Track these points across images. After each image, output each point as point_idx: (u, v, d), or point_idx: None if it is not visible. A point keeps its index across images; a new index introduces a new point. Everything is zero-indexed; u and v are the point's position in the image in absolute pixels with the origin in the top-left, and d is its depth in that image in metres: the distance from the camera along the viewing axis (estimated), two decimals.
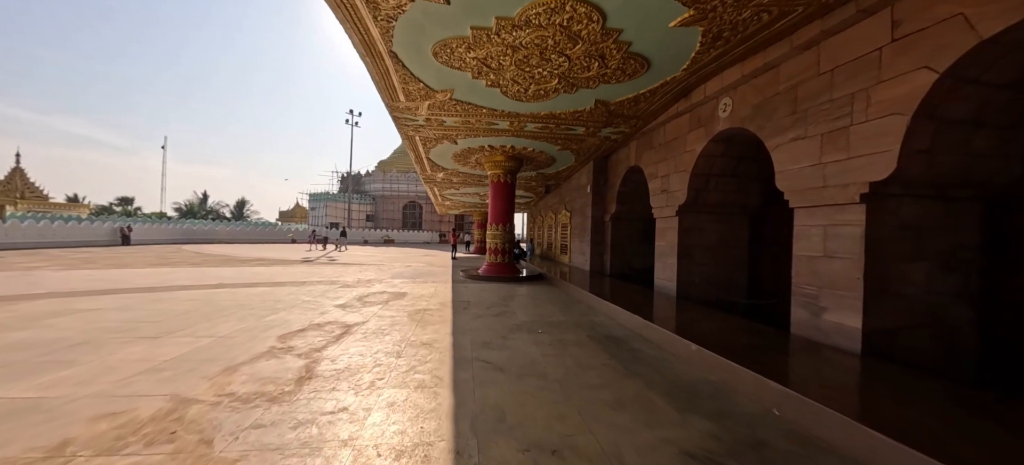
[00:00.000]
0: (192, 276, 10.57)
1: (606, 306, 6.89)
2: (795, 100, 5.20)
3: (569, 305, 7.62)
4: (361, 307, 6.89)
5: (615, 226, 11.77)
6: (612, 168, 11.75)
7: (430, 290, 9.08)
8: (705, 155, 7.33)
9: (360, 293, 8.41)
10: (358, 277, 11.21)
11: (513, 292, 9.14)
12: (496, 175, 11.89)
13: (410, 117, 8.65)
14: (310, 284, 9.61)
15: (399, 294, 8.41)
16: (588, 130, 9.20)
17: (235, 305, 6.76)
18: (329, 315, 6.17)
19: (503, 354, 4.35)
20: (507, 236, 12.03)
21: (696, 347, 4.19)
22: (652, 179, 9.11)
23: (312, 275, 11.53)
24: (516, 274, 11.72)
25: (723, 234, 8.16)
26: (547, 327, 5.72)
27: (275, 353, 4.19)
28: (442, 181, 16.53)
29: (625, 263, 11.73)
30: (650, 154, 9.22)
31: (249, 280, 10.03)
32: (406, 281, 10.64)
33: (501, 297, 8.36)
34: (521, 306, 7.39)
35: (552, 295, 8.84)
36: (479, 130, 9.42)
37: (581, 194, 13.27)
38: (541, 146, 10.57)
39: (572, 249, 14.37)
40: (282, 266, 14.08)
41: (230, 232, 33.92)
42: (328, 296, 7.94)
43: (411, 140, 10.44)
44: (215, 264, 14.24)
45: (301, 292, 8.35)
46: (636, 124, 8.77)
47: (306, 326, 5.41)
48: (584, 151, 10.99)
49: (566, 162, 12.37)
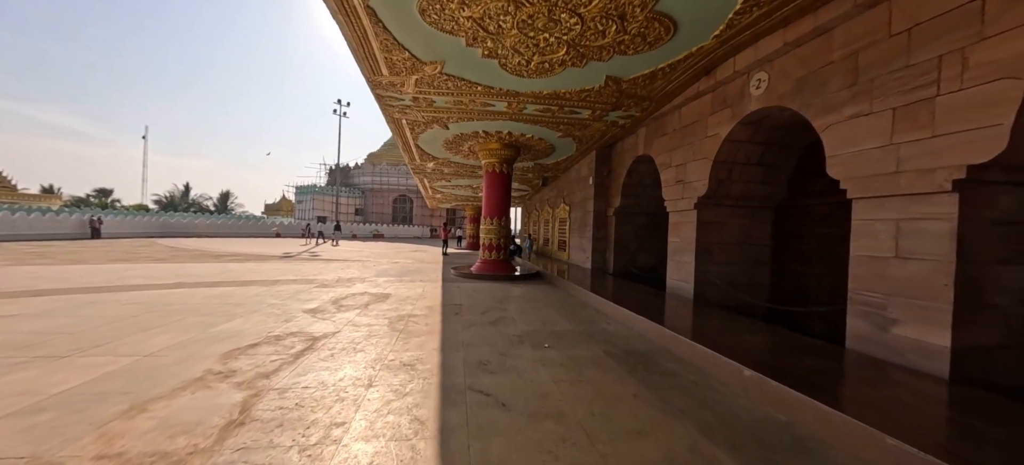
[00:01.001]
0: (150, 273, 9.46)
1: (618, 311, 6.00)
2: (855, 69, 4.33)
3: (574, 309, 6.73)
4: (335, 312, 5.91)
5: (619, 221, 10.90)
6: (617, 158, 10.86)
7: (417, 291, 8.12)
8: (730, 140, 6.47)
9: (337, 295, 7.41)
10: (339, 275, 10.19)
11: (510, 293, 8.22)
12: (491, 164, 10.93)
13: (395, 96, 7.64)
14: (283, 283, 8.58)
15: (382, 295, 7.43)
16: (594, 114, 8.28)
17: (185, 310, 5.73)
18: (294, 323, 5.19)
19: (504, 381, 3.44)
20: (502, 231, 11.10)
21: (750, 372, 3.31)
22: (665, 169, 8.23)
23: (288, 272, 10.48)
24: (511, 272, 10.80)
25: (745, 230, 7.32)
26: (554, 339, 4.81)
27: (208, 381, 3.22)
28: (432, 172, 15.50)
29: (629, 260, 10.89)
30: (662, 141, 8.33)
31: (214, 278, 8.96)
32: (391, 280, 9.66)
33: (497, 299, 7.44)
34: (520, 310, 6.48)
35: (553, 296, 7.94)
36: (473, 113, 8.44)
37: (582, 186, 12.38)
38: (541, 132, 9.63)
39: (571, 245, 13.50)
40: (257, 262, 12.97)
41: (210, 225, 32.43)
42: (300, 298, 6.94)
43: (397, 124, 9.43)
44: (184, 259, 13.08)
45: (269, 293, 7.34)
46: (648, 107, 7.88)
47: (261, 339, 4.42)
48: (587, 139, 10.07)
49: (567, 151, 11.44)
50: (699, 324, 5.11)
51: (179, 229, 30.33)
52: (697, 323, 5.19)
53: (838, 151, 4.50)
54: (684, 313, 5.96)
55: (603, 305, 6.62)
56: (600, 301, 6.80)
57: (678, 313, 5.94)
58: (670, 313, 5.91)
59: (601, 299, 6.80)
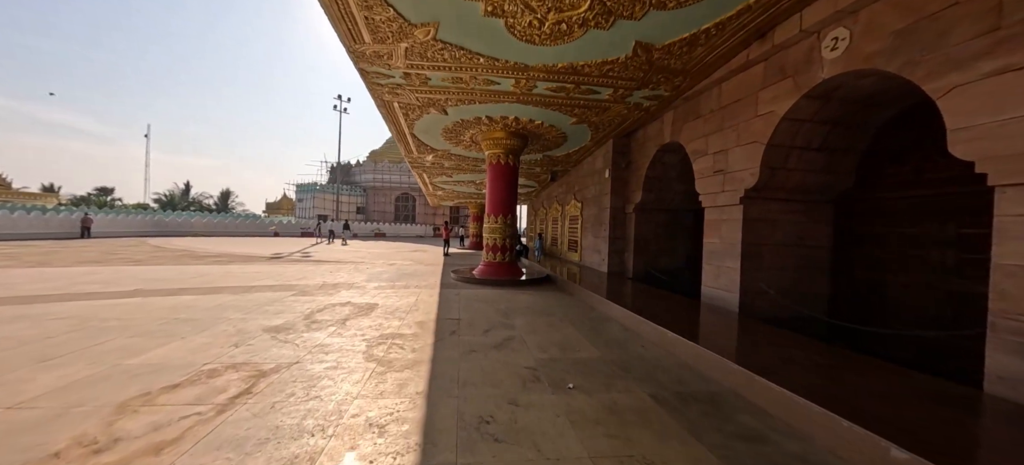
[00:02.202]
0: (113, 278, 8.41)
1: (653, 330, 4.82)
2: (998, 8, 3.13)
3: (595, 324, 5.56)
4: (303, 331, 4.79)
5: (639, 218, 9.71)
6: (637, 148, 9.67)
7: (410, 300, 6.99)
8: (789, 119, 5.27)
9: (315, 305, 6.30)
10: (324, 280, 9.09)
11: (516, 302, 7.07)
12: (495, 156, 9.77)
13: (383, 72, 6.50)
14: (257, 290, 7.49)
15: (367, 307, 6.30)
16: (616, 93, 7.09)
17: (119, 328, 4.63)
18: (245, 348, 4.07)
19: (517, 458, 2.29)
20: (508, 230, 9.94)
21: (903, 455, 2.13)
22: (698, 157, 7.04)
23: (269, 277, 9.40)
24: (518, 276, 9.65)
25: (800, 229, 6.12)
26: (579, 373, 3.65)
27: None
28: (432, 166, 14.37)
29: (650, 263, 9.70)
30: (696, 125, 7.14)
31: (182, 284, 7.89)
32: (383, 286, 8.54)
33: (501, 311, 6.28)
34: (530, 327, 5.32)
35: (567, 307, 6.78)
36: (475, 94, 7.29)
37: (596, 180, 11.19)
38: (552, 118, 8.45)
39: (583, 246, 12.32)
40: (241, 264, 11.91)
41: (207, 224, 31.54)
42: (268, 311, 5.83)
43: (388, 109, 8.29)
44: (162, 261, 12.04)
45: (235, 304, 6.24)
46: (680, 84, 6.68)
47: (189, 375, 3.30)
48: (605, 125, 8.89)
49: (580, 141, 10.26)
50: (770, 354, 3.91)
51: (174, 228, 29.46)
52: (767, 353, 3.99)
53: (969, 123, 3.30)
54: (739, 333, 4.77)
55: (632, 321, 5.45)
56: (626, 315, 5.62)
57: (731, 334, 4.75)
58: (721, 333, 4.72)
59: (627, 312, 5.62)
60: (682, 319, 5.38)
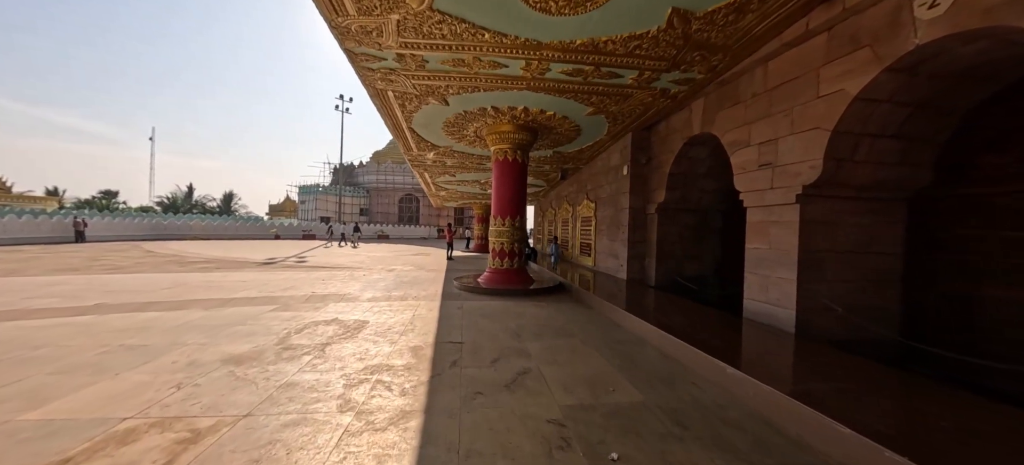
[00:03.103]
0: (81, 289, 7.60)
1: (707, 362, 3.87)
2: None
3: (628, 350, 4.62)
4: (271, 361, 3.90)
5: (662, 220, 8.74)
6: (659, 142, 8.71)
7: (406, 317, 6.09)
8: (863, 99, 4.31)
9: (294, 325, 5.41)
10: (314, 290, 8.22)
11: (529, 318, 6.15)
12: (502, 152, 8.85)
13: (373, 54, 5.61)
14: (234, 304, 6.63)
15: (355, 326, 5.41)
16: (641, 77, 6.15)
17: (45, 358, 3.78)
18: (187, 392, 3.18)
19: None
20: (516, 233, 9.01)
21: None
22: (738, 150, 6.08)
23: (253, 286, 8.55)
24: (527, 285, 8.73)
25: (867, 232, 5.15)
26: (621, 430, 2.73)
27: None
28: (433, 164, 13.48)
29: (675, 270, 8.73)
30: (734, 113, 6.19)
31: (152, 297, 7.05)
32: (377, 298, 7.66)
33: (512, 331, 5.36)
34: (549, 355, 4.39)
35: (589, 325, 5.84)
36: (479, 79, 6.38)
37: (613, 178, 10.24)
38: (566, 107, 7.52)
39: (598, 250, 11.36)
40: (229, 271, 11.09)
41: (206, 227, 30.91)
42: (239, 331, 4.95)
43: (382, 99, 7.40)
44: (146, 268, 11.25)
45: (203, 321, 5.37)
46: (718, 65, 5.73)
47: (87, 445, 2.42)
48: (624, 116, 7.94)
49: (595, 134, 9.31)
50: (889, 407, 2.94)
51: (173, 231, 28.85)
52: (880, 403, 3.01)
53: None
54: (820, 368, 3.80)
55: (674, 347, 4.49)
56: (665, 338, 4.67)
57: (810, 369, 3.78)
58: (795, 367, 3.76)
59: (665, 334, 4.66)
60: (734, 345, 4.43)
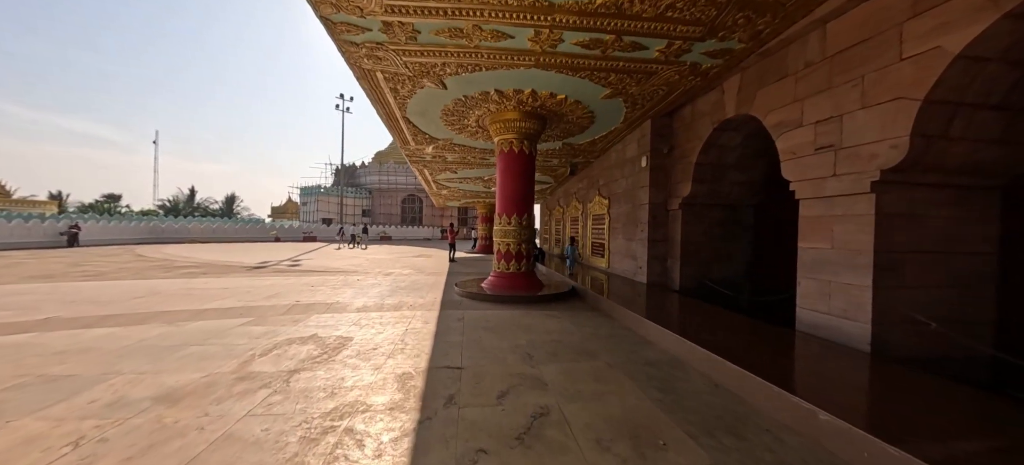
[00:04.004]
0: (41, 300, 6.82)
1: (787, 404, 2.97)
2: None
3: (666, 375, 3.72)
4: (217, 399, 3.05)
5: (688, 217, 7.82)
6: (682, 129, 7.79)
7: (397, 331, 5.22)
8: (969, 57, 3.38)
9: (265, 344, 4.57)
10: (299, 299, 7.39)
11: (541, 332, 5.26)
12: (507, 143, 7.97)
13: (355, 23, 4.77)
14: (207, 315, 5.81)
15: (335, 345, 4.55)
16: (670, 48, 5.25)
17: None
18: (78, 455, 2.34)
19: None
20: (524, 233, 8.12)
21: None
22: (787, 131, 5.16)
23: (235, 294, 7.74)
24: (536, 290, 7.84)
25: (954, 228, 4.21)
26: None
27: None
28: (433, 160, 12.63)
29: (702, 272, 7.80)
30: (780, 89, 5.26)
31: (115, 309, 6.26)
32: (368, 308, 6.81)
33: (522, 351, 4.48)
34: (570, 387, 3.50)
35: (612, 339, 4.95)
36: (480, 54, 5.51)
37: (629, 171, 9.32)
38: (580, 90, 6.62)
39: (612, 250, 10.44)
40: (214, 277, 10.31)
41: (205, 230, 30.30)
42: (194, 354, 4.12)
43: (370, 82, 6.54)
44: (126, 275, 10.49)
45: (159, 340, 4.55)
46: (763, 29, 4.82)
47: None
48: (645, 99, 7.02)
49: (609, 122, 8.40)
50: None
51: (171, 234, 28.28)
52: None
53: None
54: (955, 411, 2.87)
55: (726, 374, 3.58)
56: (711, 361, 3.76)
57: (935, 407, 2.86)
58: (915, 407, 2.84)
59: (713, 356, 3.75)
60: (807, 372, 3.52)
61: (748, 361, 3.46)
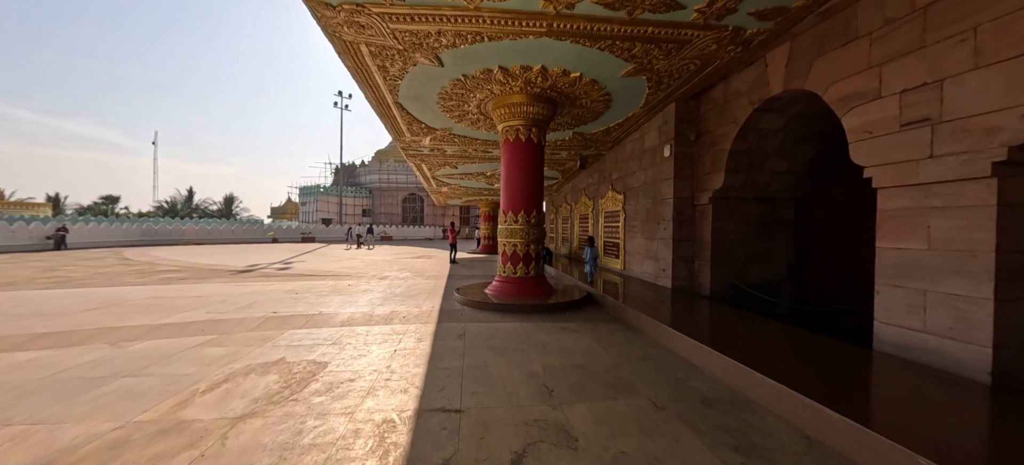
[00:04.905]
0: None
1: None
2: None
3: (736, 423, 2.81)
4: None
5: (719, 212, 6.88)
6: (713, 113, 6.85)
7: (383, 353, 4.32)
8: None
9: (215, 376, 3.68)
10: (277, 309, 6.50)
11: (559, 354, 4.35)
12: (512, 130, 7.06)
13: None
14: (158, 333, 4.92)
15: (300, 377, 3.66)
16: (712, 8, 4.32)
17: None
18: None
19: None
20: (533, 232, 7.20)
21: None
22: (858, 106, 4.21)
23: (206, 303, 6.87)
24: (548, 297, 6.93)
25: None
26: None
27: None
28: (432, 153, 11.72)
29: (737, 274, 6.86)
30: (848, 54, 4.32)
31: (59, 325, 5.39)
32: (355, 318, 5.93)
33: (538, 382, 3.57)
34: (610, 439, 2.59)
35: (649, 364, 4.03)
36: (481, 18, 4.59)
37: (648, 163, 8.39)
38: (597, 64, 5.69)
39: (629, 250, 9.51)
40: (194, 282, 9.44)
41: (200, 232, 29.49)
42: (116, 392, 3.23)
43: (355, 58, 5.63)
44: (97, 282, 9.64)
45: (85, 370, 3.66)
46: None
47: None
48: (673, 75, 6.08)
49: (628, 106, 7.47)
50: None
51: (165, 237, 27.48)
52: None
53: None
54: None
55: (835, 431, 2.66)
56: (797, 402, 2.83)
57: None
58: None
59: (801, 398, 2.83)
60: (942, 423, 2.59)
61: (852, 406, 2.54)
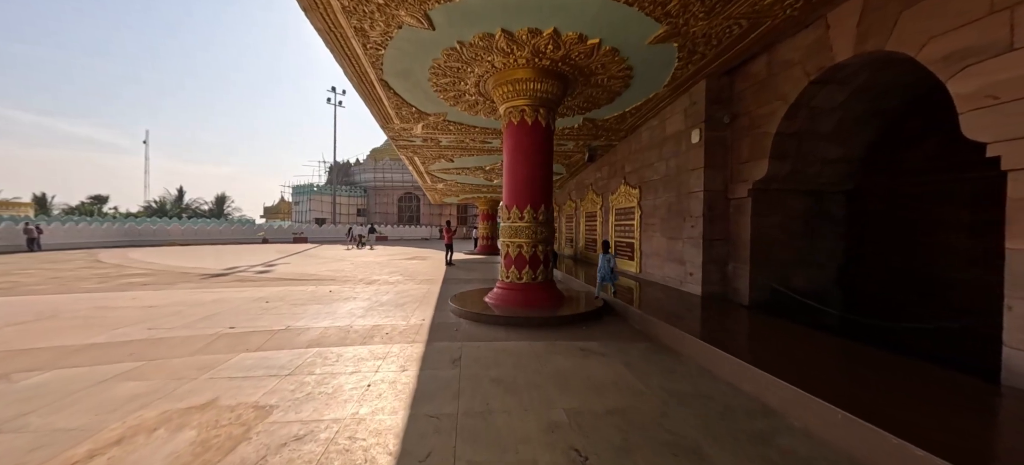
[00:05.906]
0: None
1: None
2: None
3: None
4: None
5: (759, 207, 5.88)
6: (753, 90, 5.84)
7: (353, 394, 3.30)
8: None
9: (96, 440, 2.64)
10: (235, 323, 5.47)
11: (584, 390, 3.34)
12: (517, 111, 6.04)
13: None
14: (71, 361, 3.89)
15: (224, 444, 2.63)
16: None
17: None
18: None
19: None
20: (541, 232, 6.17)
21: None
22: (974, 65, 3.22)
23: (155, 315, 5.84)
24: (557, 307, 5.92)
25: None
26: None
27: None
28: (425, 144, 10.68)
29: (779, 278, 5.87)
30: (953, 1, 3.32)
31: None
32: (328, 337, 4.90)
33: (561, 438, 2.56)
34: None
35: (703, 402, 3.02)
36: None
37: (671, 152, 7.37)
38: (621, 26, 4.67)
39: (646, 251, 8.50)
40: (156, 289, 8.38)
41: (186, 232, 28.32)
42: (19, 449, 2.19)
43: (324, 15, 4.57)
44: (46, 289, 8.56)
45: None
46: None
47: None
48: (711, 41, 5.05)
49: (651, 84, 6.44)
50: None
51: (148, 237, 26.29)
52: None
53: None
54: None
55: None
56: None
57: None
58: None
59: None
60: None
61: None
